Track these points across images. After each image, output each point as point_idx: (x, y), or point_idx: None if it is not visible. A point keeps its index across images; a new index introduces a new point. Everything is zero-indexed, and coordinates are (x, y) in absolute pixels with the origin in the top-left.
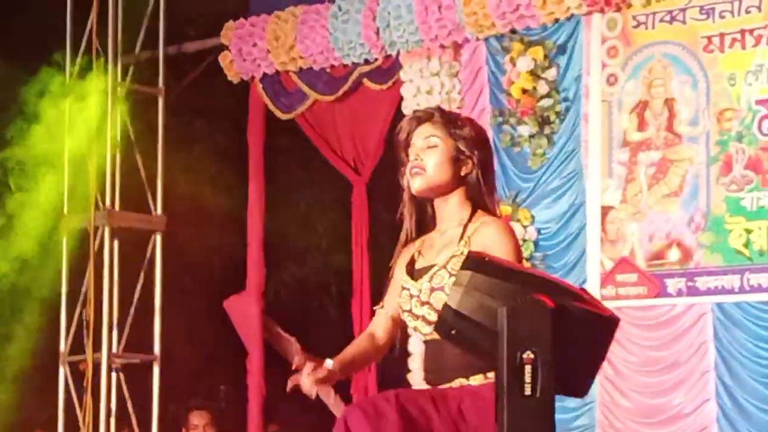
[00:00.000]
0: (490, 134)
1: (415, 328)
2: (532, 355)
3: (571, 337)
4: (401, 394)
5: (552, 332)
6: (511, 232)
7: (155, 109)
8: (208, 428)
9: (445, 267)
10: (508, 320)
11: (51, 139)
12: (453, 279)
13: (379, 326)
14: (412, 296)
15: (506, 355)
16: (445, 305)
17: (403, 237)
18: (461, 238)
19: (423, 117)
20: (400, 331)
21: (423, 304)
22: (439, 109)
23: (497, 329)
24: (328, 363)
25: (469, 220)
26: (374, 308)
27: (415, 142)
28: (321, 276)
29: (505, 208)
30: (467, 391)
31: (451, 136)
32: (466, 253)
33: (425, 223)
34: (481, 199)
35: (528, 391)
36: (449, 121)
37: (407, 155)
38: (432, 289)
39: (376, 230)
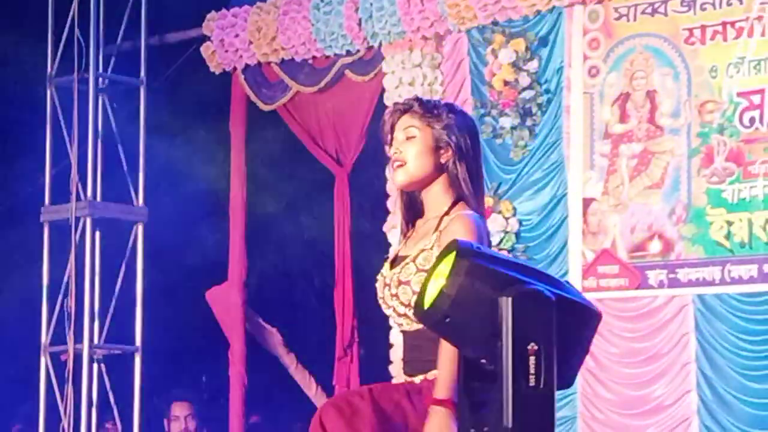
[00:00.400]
0: None
1: (388, 317)
2: (536, 347)
3: (564, 328)
4: (375, 390)
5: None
6: (476, 231)
7: (137, 100)
8: (189, 419)
9: (414, 261)
10: (513, 310)
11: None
12: (420, 274)
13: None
14: (385, 285)
15: (510, 345)
16: (442, 293)
17: (402, 229)
18: (435, 230)
19: (402, 108)
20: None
21: (392, 296)
22: (417, 99)
23: (497, 319)
24: None
25: (446, 212)
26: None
27: (396, 135)
28: (303, 266)
29: (486, 200)
30: None
31: (429, 125)
32: (434, 247)
33: (422, 211)
34: (462, 187)
35: (532, 382)
36: (427, 110)
37: (391, 145)
38: (399, 282)
39: (358, 221)
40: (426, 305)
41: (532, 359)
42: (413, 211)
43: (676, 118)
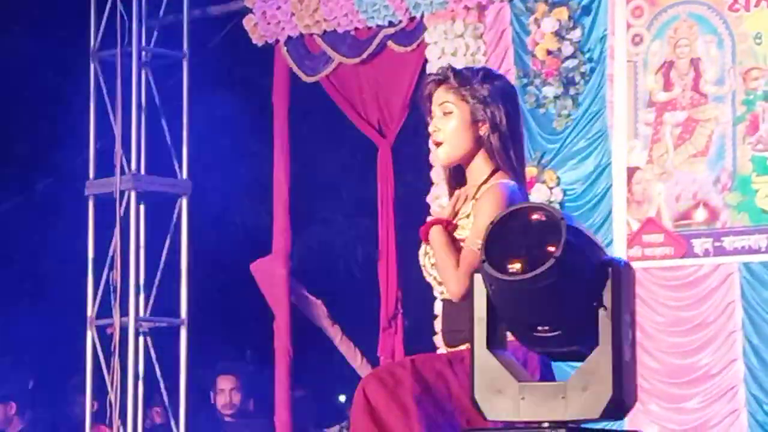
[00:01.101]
0: None
1: (429, 284)
2: (629, 318)
3: None
4: (417, 360)
5: None
6: (506, 200)
7: (180, 73)
8: (233, 392)
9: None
10: (620, 280)
11: None
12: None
13: None
14: (425, 253)
15: (616, 317)
16: (558, 258)
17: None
18: (472, 198)
19: (438, 79)
20: None
21: (432, 265)
22: (452, 69)
23: (596, 287)
24: None
25: (485, 181)
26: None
27: (434, 110)
28: (346, 239)
29: (530, 170)
30: None
31: (464, 99)
32: (470, 215)
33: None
34: (498, 158)
35: (629, 353)
36: (462, 83)
37: (431, 118)
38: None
39: (402, 193)
40: (538, 266)
41: (630, 330)
42: (458, 181)
43: (720, 85)
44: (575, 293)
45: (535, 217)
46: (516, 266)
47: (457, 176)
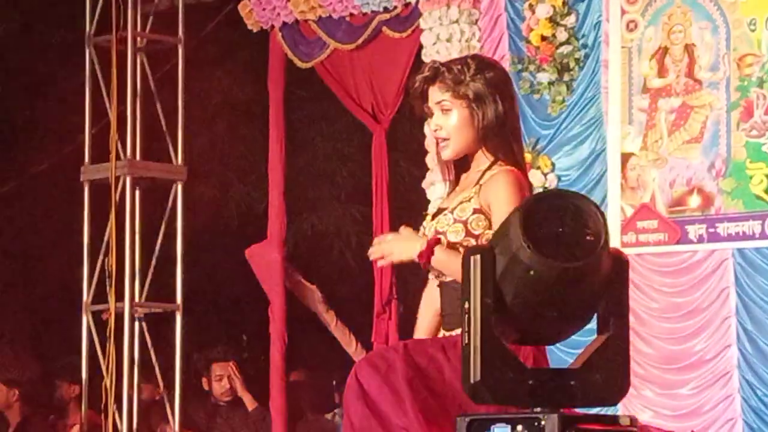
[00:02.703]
0: None
1: (428, 270)
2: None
3: None
4: (410, 345)
5: None
6: (519, 185)
7: (175, 59)
8: (231, 378)
9: (452, 212)
10: (625, 267)
11: None
12: (456, 225)
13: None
14: (424, 236)
15: (625, 306)
16: (605, 242)
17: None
18: (476, 183)
19: (429, 77)
20: None
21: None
22: (444, 66)
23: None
24: None
25: (488, 168)
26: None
27: (432, 108)
28: (341, 225)
29: (525, 156)
30: None
31: (460, 96)
32: (472, 199)
33: (466, 165)
34: (498, 148)
35: (625, 343)
36: (456, 80)
37: (427, 109)
38: (436, 232)
39: (396, 178)
40: (590, 252)
41: (631, 317)
42: (461, 167)
43: (714, 71)
44: (596, 281)
45: (569, 202)
46: (562, 252)
47: (458, 162)
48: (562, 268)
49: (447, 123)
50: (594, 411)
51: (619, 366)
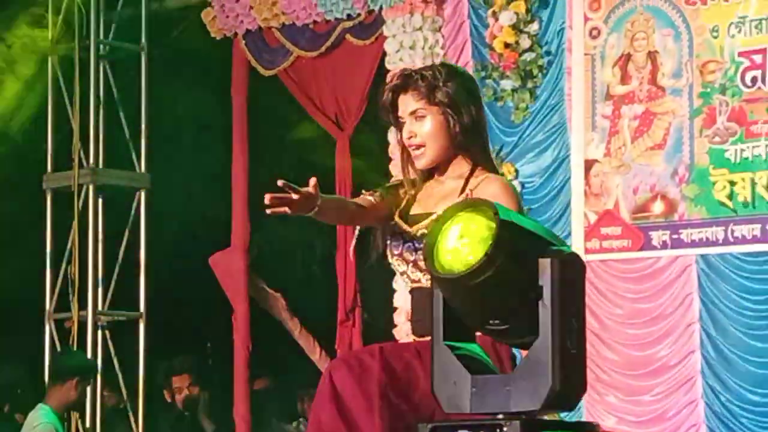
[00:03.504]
0: None
1: (403, 273)
2: (574, 309)
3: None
4: (386, 349)
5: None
6: (514, 191)
7: (138, 67)
8: (191, 387)
9: None
10: (558, 273)
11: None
12: None
13: (362, 201)
14: (405, 241)
15: (558, 308)
16: (488, 255)
17: (398, 185)
18: (462, 191)
19: (401, 85)
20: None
21: (416, 250)
22: (417, 73)
23: (536, 281)
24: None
25: (471, 174)
26: (363, 192)
27: (403, 117)
28: (305, 231)
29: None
30: None
31: (434, 103)
32: None
33: (427, 171)
34: (476, 154)
35: (573, 344)
36: (430, 88)
37: (397, 123)
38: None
39: (359, 186)
40: (463, 268)
41: (573, 321)
42: (425, 172)
43: (677, 78)
44: (514, 287)
45: (462, 215)
46: (453, 264)
47: (426, 172)
48: (450, 279)
49: (421, 130)
50: (559, 417)
51: (561, 370)
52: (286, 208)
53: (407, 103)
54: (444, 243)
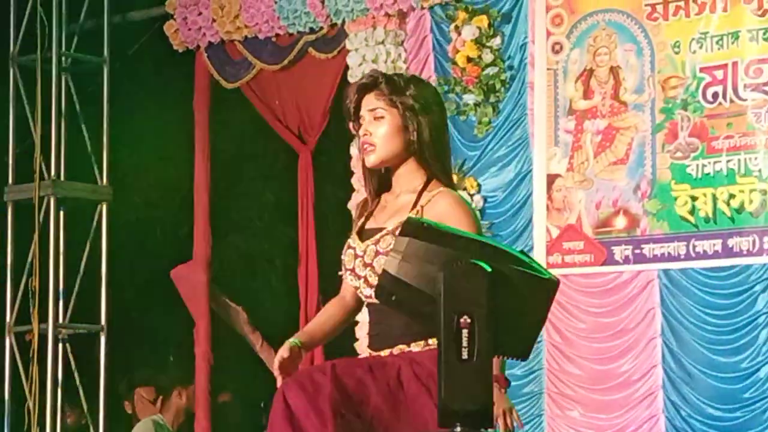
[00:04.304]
0: None
1: (356, 288)
2: (468, 320)
3: (511, 299)
4: (338, 365)
5: (490, 296)
6: (466, 205)
7: (100, 79)
8: (158, 401)
9: (393, 233)
10: (445, 285)
11: None
12: None
13: (347, 291)
14: (356, 256)
15: (443, 319)
16: (384, 271)
17: (362, 203)
18: (414, 206)
19: (367, 85)
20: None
21: (366, 266)
22: (383, 75)
23: (436, 295)
24: (291, 341)
25: (424, 188)
26: (340, 273)
27: (363, 115)
28: (267, 246)
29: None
30: (406, 358)
31: (395, 106)
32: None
33: (386, 185)
34: (432, 165)
35: (465, 355)
36: (393, 89)
37: (357, 124)
38: (377, 253)
39: (322, 200)
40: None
41: (464, 332)
42: (380, 186)
43: (639, 93)
44: (419, 305)
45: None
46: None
47: (381, 182)
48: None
49: (377, 130)
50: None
51: (448, 384)
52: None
53: (370, 101)
54: None
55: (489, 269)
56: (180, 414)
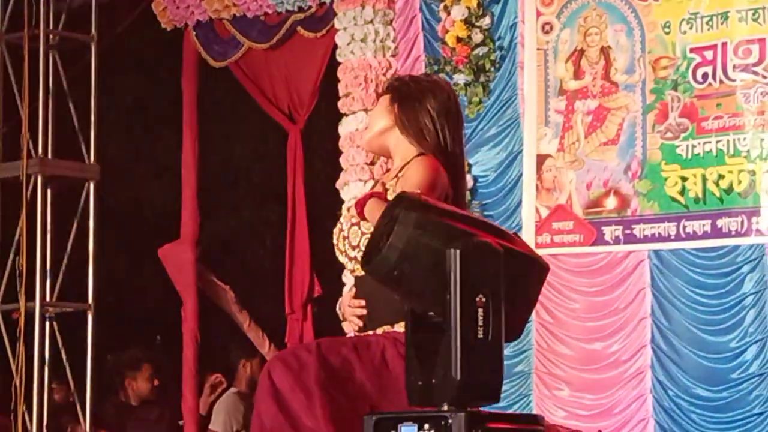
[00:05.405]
0: None
1: (343, 264)
2: (484, 299)
3: (510, 280)
4: (323, 344)
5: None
6: (430, 168)
7: (88, 57)
8: (154, 378)
9: (353, 206)
10: (461, 262)
11: None
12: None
13: None
14: (340, 229)
15: (458, 298)
16: (391, 245)
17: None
18: (394, 176)
19: (391, 86)
20: None
21: (344, 238)
22: (401, 79)
23: (445, 272)
24: None
25: (408, 162)
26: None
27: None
28: (255, 225)
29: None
30: (391, 338)
31: (389, 92)
32: (389, 191)
33: None
34: (420, 139)
35: (480, 334)
36: (401, 86)
37: None
38: (351, 224)
39: (311, 179)
40: (374, 256)
41: (480, 311)
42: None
43: (630, 74)
44: (421, 281)
45: (392, 212)
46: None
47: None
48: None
49: (371, 113)
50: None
51: (465, 363)
52: None
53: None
54: None
55: (500, 247)
56: (248, 385)
